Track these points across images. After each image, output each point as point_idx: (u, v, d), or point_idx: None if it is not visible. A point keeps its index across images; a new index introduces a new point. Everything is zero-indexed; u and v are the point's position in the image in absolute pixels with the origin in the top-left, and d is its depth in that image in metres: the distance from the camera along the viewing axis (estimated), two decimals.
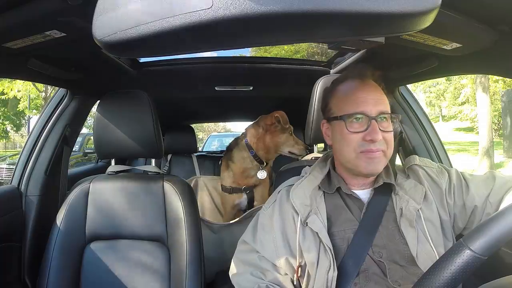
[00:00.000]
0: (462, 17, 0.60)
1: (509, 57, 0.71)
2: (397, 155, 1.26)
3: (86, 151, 5.33)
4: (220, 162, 1.73)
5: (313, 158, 1.13)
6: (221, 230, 1.52)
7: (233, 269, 0.81)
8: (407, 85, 1.27)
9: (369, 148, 0.69)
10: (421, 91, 20.35)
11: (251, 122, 1.66)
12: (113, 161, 1.09)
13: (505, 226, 0.41)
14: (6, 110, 14.14)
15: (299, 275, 0.73)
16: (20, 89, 9.58)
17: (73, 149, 1.43)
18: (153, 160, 1.09)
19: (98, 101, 1.06)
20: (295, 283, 0.75)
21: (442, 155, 1.21)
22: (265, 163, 1.56)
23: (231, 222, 1.53)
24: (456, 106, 17.28)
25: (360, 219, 0.72)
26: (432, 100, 20.73)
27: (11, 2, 0.58)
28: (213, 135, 8.00)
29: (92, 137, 1.22)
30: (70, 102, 1.23)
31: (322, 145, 1.34)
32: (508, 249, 0.80)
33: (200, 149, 5.06)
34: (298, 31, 0.39)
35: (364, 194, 0.76)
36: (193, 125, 2.73)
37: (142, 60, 1.35)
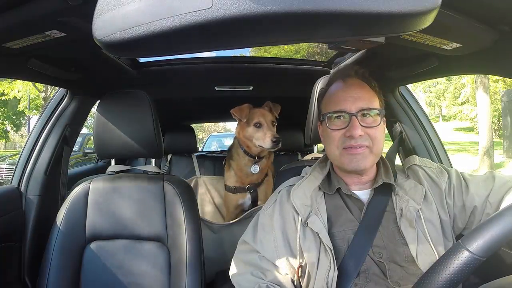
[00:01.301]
0: (462, 17, 0.60)
1: (509, 57, 0.71)
2: (397, 155, 1.26)
3: (86, 151, 5.32)
4: (224, 163, 1.74)
5: (313, 158, 1.13)
6: (221, 230, 1.52)
7: (233, 269, 0.81)
8: (407, 85, 1.27)
9: (350, 144, 0.70)
10: (421, 91, 20.35)
11: None
12: (113, 161, 1.09)
13: (503, 227, 0.41)
14: (6, 110, 14.15)
15: (299, 275, 0.73)
16: (20, 89, 9.57)
17: (73, 149, 1.43)
18: (153, 160, 1.09)
19: (98, 101, 1.06)
20: (295, 283, 0.75)
21: (442, 155, 1.20)
22: (256, 157, 1.55)
23: (231, 222, 1.53)
24: (456, 106, 17.27)
25: (360, 219, 0.72)
26: (432, 100, 20.73)
27: (11, 2, 0.58)
28: (213, 135, 7.99)
29: (92, 137, 1.22)
30: (70, 102, 1.23)
31: (322, 145, 1.34)
32: (508, 249, 0.80)
33: (200, 149, 5.06)
34: (298, 31, 0.39)
35: (364, 194, 0.76)
36: (193, 125, 2.73)
37: (142, 60, 1.35)
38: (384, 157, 0.83)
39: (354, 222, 0.73)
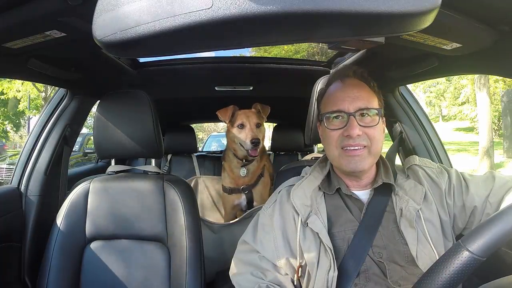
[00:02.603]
0: (462, 17, 0.60)
1: (509, 57, 0.71)
2: (397, 155, 1.26)
3: (86, 151, 5.32)
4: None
5: (313, 158, 1.13)
6: (221, 230, 1.52)
7: (233, 269, 0.81)
8: (407, 85, 1.27)
9: (348, 143, 0.71)
10: (421, 91, 20.33)
11: None
12: (113, 161, 1.09)
13: (503, 227, 0.41)
14: (6, 110, 14.13)
15: (299, 275, 0.73)
16: (20, 89, 9.57)
17: (73, 149, 1.43)
18: (153, 160, 1.09)
19: (98, 101, 1.06)
20: (295, 283, 0.75)
21: (442, 155, 1.21)
22: (243, 160, 1.55)
23: (231, 222, 1.53)
24: (456, 106, 17.26)
25: (360, 219, 0.72)
26: (432, 100, 20.71)
27: (11, 2, 0.59)
28: (213, 135, 7.99)
29: (92, 137, 1.22)
30: (70, 102, 1.23)
31: (322, 145, 1.34)
32: (508, 249, 0.80)
33: (200, 149, 5.06)
34: (298, 31, 0.39)
35: (364, 194, 0.76)
36: (193, 125, 2.73)
37: (142, 60, 1.35)
38: (384, 157, 0.83)
39: (354, 222, 0.73)
